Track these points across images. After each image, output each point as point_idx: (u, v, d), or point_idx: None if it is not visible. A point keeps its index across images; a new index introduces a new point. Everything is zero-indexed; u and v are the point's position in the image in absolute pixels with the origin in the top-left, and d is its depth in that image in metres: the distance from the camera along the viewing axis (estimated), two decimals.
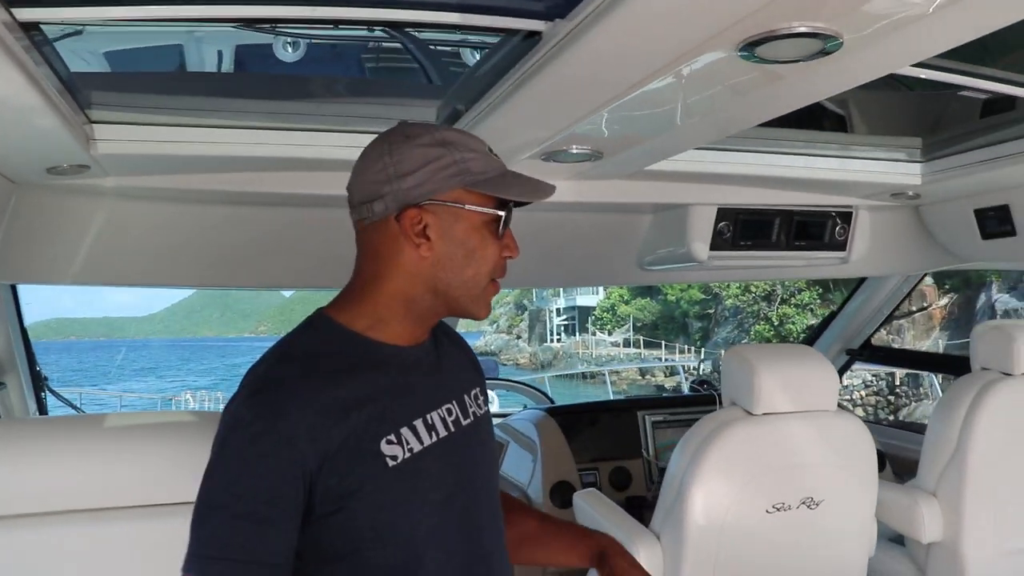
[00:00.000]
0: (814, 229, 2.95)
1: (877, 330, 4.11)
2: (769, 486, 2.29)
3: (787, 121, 2.52)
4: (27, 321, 3.09)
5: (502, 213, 1.34)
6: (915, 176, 2.57)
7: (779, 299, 36.14)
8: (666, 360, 39.43)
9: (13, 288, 2.84)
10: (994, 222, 2.78)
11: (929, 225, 3.13)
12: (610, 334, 48.47)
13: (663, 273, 3.21)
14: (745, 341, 39.14)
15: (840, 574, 2.43)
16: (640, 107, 1.70)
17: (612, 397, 8.29)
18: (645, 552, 2.28)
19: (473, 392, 1.52)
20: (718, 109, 1.74)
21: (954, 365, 4.25)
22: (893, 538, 2.87)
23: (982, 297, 25.53)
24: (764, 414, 2.31)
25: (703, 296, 40.56)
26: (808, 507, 2.31)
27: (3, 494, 1.47)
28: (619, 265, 3.17)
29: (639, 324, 46.26)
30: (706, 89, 1.60)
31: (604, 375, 23.07)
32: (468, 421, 1.45)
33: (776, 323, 35.51)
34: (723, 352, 2.64)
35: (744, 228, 2.87)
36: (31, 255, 2.37)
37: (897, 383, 24.10)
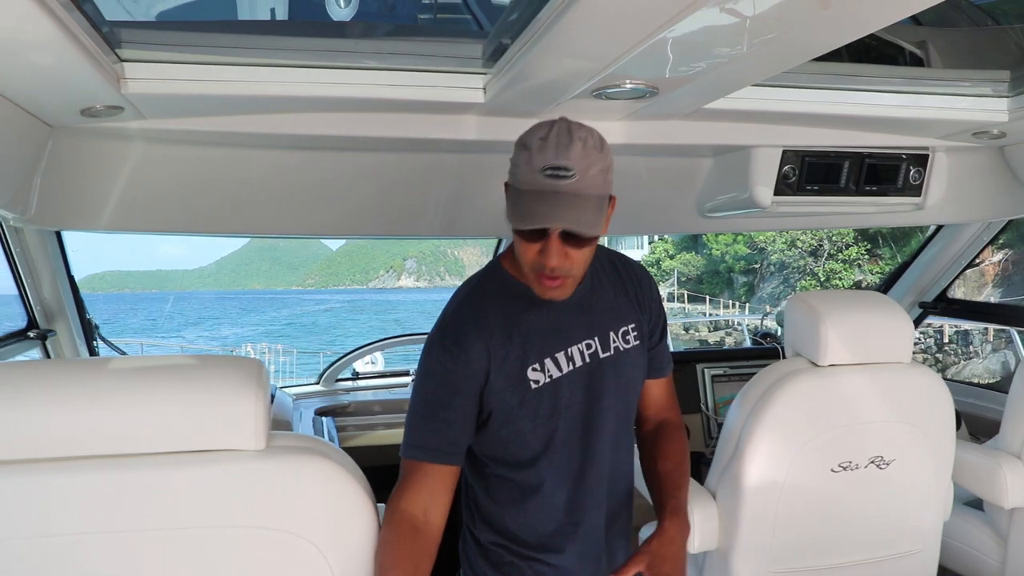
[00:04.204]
0: (886, 173, 2.77)
1: (953, 282, 3.88)
2: (835, 443, 2.15)
3: (858, 58, 2.37)
4: (81, 274, 3.05)
5: (514, 225, 1.58)
6: (1001, 112, 2.36)
7: (826, 254, 35.67)
8: (710, 315, 39.21)
9: (58, 235, 2.78)
10: None
11: (1015, 168, 2.91)
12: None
13: (725, 221, 3.06)
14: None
15: (913, 538, 2.29)
16: (699, 29, 1.55)
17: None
18: (700, 511, 2.17)
19: (622, 329, 1.83)
20: (787, 31, 1.58)
21: None
22: (970, 502, 2.73)
23: None
24: (831, 365, 2.17)
25: (748, 250, 40.13)
26: (878, 466, 2.18)
27: (49, 435, 1.38)
28: (679, 212, 3.02)
29: (684, 278, 45.97)
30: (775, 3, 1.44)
31: None
32: (607, 354, 1.79)
33: (823, 279, 35.08)
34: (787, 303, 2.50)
35: (810, 171, 2.69)
36: (68, 200, 2.31)
37: (946, 340, 23.64)
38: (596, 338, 1.78)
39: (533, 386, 1.70)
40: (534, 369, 1.71)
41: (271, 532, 1.49)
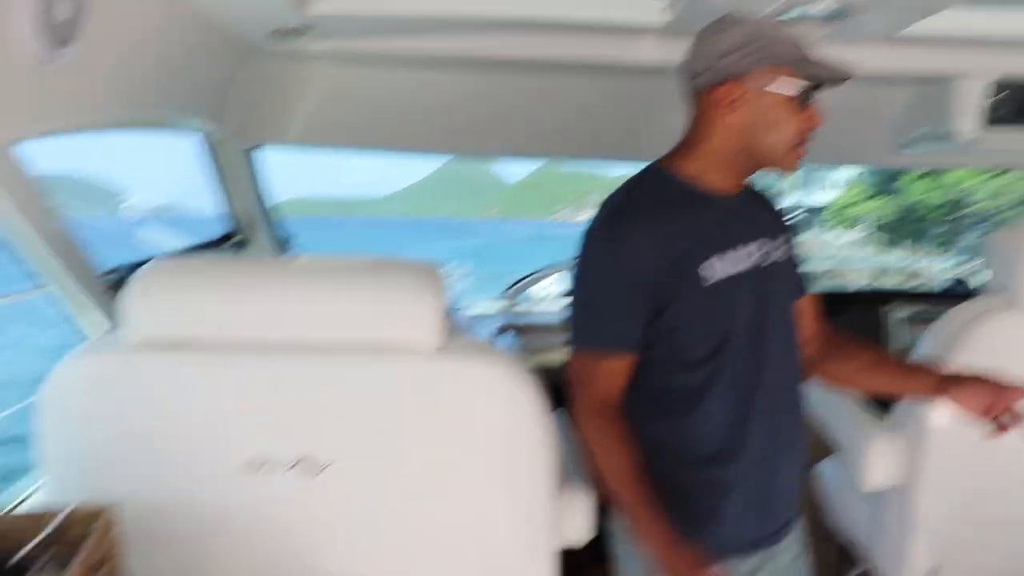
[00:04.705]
0: None
1: None
2: None
3: None
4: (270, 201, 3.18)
5: (799, 91, 1.58)
6: None
7: None
8: (902, 263, 37.22)
9: (248, 153, 2.94)
10: None
11: None
12: (846, 232, 46.21)
13: (924, 157, 2.85)
14: None
15: None
16: None
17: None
18: (882, 447, 2.07)
19: (780, 238, 1.79)
20: None
21: None
22: None
23: None
24: None
25: (947, 198, 37.64)
26: None
27: (258, 324, 1.46)
28: (871, 144, 2.85)
29: (876, 224, 43.73)
30: None
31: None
32: (772, 260, 1.74)
33: None
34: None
35: None
36: (260, 117, 2.42)
37: None
38: (762, 240, 1.73)
39: (705, 283, 1.62)
40: (705, 265, 1.62)
41: (445, 432, 1.52)
